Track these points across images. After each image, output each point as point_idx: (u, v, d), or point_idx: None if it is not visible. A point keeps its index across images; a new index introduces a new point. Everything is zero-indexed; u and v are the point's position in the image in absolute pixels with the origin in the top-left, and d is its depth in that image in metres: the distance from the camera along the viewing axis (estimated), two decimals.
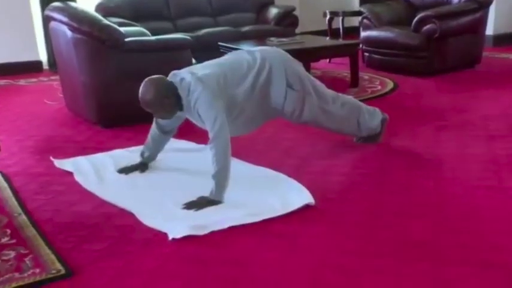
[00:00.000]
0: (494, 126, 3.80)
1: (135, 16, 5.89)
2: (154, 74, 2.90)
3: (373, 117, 3.40)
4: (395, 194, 2.77)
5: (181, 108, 2.86)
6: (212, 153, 2.69)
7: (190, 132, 3.56)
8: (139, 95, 2.80)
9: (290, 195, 2.71)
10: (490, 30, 6.39)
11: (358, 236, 2.35)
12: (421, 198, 2.71)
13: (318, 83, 3.21)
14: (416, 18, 5.53)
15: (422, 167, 3.12)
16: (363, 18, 6.13)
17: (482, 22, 5.74)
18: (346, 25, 7.12)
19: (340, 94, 3.34)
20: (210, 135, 2.73)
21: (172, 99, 2.81)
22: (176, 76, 2.85)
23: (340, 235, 2.37)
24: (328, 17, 7.04)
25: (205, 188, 2.68)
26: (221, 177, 2.67)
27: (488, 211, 2.54)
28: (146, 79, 2.83)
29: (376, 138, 3.48)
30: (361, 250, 2.22)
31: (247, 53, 3.09)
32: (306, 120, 3.16)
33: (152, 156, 3.21)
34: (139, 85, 2.83)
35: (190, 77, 2.78)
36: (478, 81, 5.31)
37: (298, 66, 3.15)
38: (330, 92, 3.26)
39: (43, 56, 6.69)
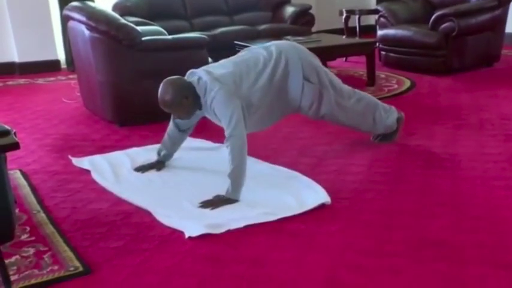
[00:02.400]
0: None
1: (152, 15, 5.92)
2: (170, 73, 2.92)
3: (389, 114, 3.38)
4: (412, 193, 2.75)
5: (200, 107, 2.88)
6: (228, 152, 2.70)
7: (206, 130, 3.58)
8: (159, 96, 2.82)
9: (306, 194, 2.71)
10: (509, 28, 6.30)
11: (374, 235, 2.34)
12: (438, 198, 2.69)
13: (334, 77, 3.20)
14: (433, 17, 5.48)
15: (439, 167, 3.10)
16: (380, 16, 6.09)
17: (501, 20, 5.66)
18: (362, 23, 7.08)
19: (356, 90, 3.33)
20: (226, 133, 2.74)
21: (190, 99, 2.83)
22: (193, 75, 2.86)
23: (356, 234, 2.36)
24: (344, 15, 7.01)
25: (222, 187, 2.69)
26: (237, 176, 2.68)
27: (506, 211, 2.52)
28: (164, 80, 2.85)
29: (392, 137, 3.46)
30: (378, 250, 2.22)
31: (262, 49, 3.09)
32: (323, 114, 3.14)
33: (169, 155, 3.22)
34: (156, 84, 2.85)
35: (207, 76, 2.79)
36: (497, 80, 5.25)
37: (315, 59, 3.14)
38: (346, 87, 3.25)
39: (61, 55, 6.76)
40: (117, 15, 4.23)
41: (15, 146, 1.93)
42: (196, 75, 2.85)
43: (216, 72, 2.84)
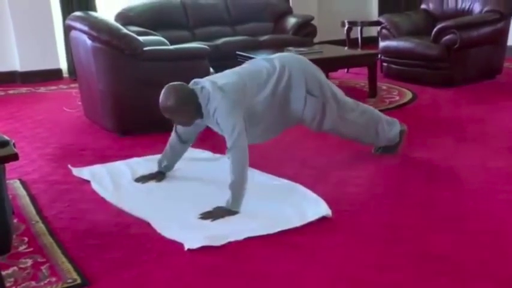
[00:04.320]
0: None
1: (154, 25, 5.92)
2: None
3: (392, 127, 3.37)
4: (414, 206, 2.73)
5: (201, 116, 2.86)
6: (229, 163, 2.69)
7: (208, 140, 3.57)
8: (160, 101, 2.80)
9: (307, 206, 2.69)
10: (511, 41, 6.31)
11: (375, 249, 2.32)
12: (440, 211, 2.67)
13: (337, 90, 3.19)
14: (436, 29, 5.48)
15: (441, 179, 3.08)
16: (382, 28, 6.10)
17: (504, 33, 5.66)
18: (364, 35, 7.09)
19: (359, 102, 3.32)
20: (228, 144, 2.72)
21: (192, 107, 2.81)
22: (197, 84, 2.85)
23: (357, 248, 2.34)
24: (346, 26, 7.03)
25: (222, 198, 2.67)
26: (238, 188, 2.66)
27: (509, 225, 2.49)
28: (167, 85, 2.84)
29: (395, 149, 3.44)
30: (379, 263, 2.19)
31: (265, 61, 3.08)
32: (326, 127, 3.13)
33: (170, 166, 3.21)
34: (158, 94, 2.84)
35: (211, 85, 2.78)
36: (499, 92, 5.24)
37: (318, 72, 3.13)
38: (349, 100, 3.24)
39: (63, 64, 6.77)
40: (119, 25, 4.24)
41: (13, 157, 1.92)
42: (199, 84, 2.84)
43: (219, 82, 2.84)
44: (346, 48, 6.51)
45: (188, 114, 2.84)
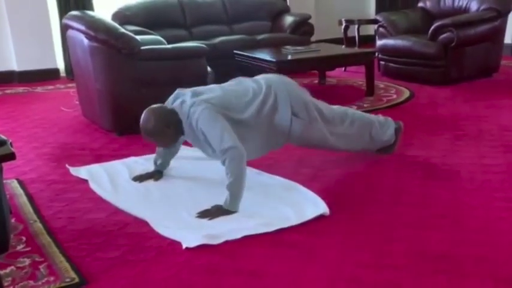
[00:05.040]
0: None
1: (151, 24, 5.92)
2: (169, 82, 2.93)
3: (386, 128, 3.33)
4: (411, 205, 2.74)
5: (182, 132, 2.86)
6: (226, 164, 2.67)
7: None
8: (140, 125, 2.81)
9: (304, 205, 2.69)
10: (508, 39, 6.32)
11: (373, 248, 2.32)
12: (438, 210, 2.67)
13: (324, 106, 3.14)
14: (433, 27, 5.49)
15: (439, 178, 3.09)
16: (379, 26, 6.10)
17: (501, 30, 5.68)
18: (361, 33, 7.09)
19: (348, 110, 3.27)
20: (221, 149, 2.67)
21: (172, 128, 2.82)
22: (178, 97, 2.85)
23: (354, 246, 2.34)
24: (343, 25, 7.03)
25: (220, 197, 2.67)
26: (236, 188, 2.66)
27: (506, 223, 2.50)
28: (146, 109, 2.84)
29: (391, 148, 3.43)
30: (376, 262, 2.20)
31: (251, 81, 3.05)
32: (314, 145, 3.13)
33: (165, 163, 3.21)
34: (155, 93, 2.85)
35: (192, 99, 2.77)
36: (496, 90, 5.25)
37: (303, 93, 3.09)
38: (337, 112, 3.18)
39: (60, 64, 6.76)
40: (116, 25, 4.23)
41: (11, 156, 1.92)
42: (181, 97, 2.83)
43: (203, 95, 2.82)
44: (343, 46, 6.51)
45: (170, 136, 2.86)
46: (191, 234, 2.43)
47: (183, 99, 2.81)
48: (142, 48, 4.00)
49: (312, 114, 3.01)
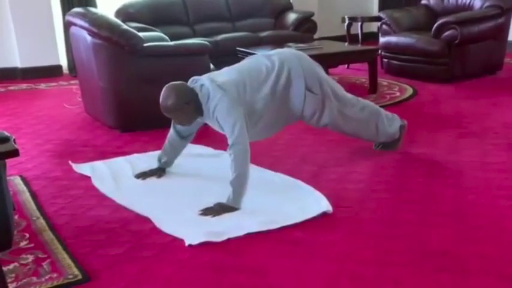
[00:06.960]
0: None
1: (154, 21, 5.92)
2: (172, 79, 2.91)
3: (392, 123, 3.37)
4: (414, 202, 2.73)
5: (201, 114, 2.86)
6: (231, 160, 2.69)
7: (207, 137, 3.57)
8: (160, 101, 2.80)
9: (307, 202, 2.69)
10: None
11: (375, 245, 2.32)
12: (441, 207, 2.67)
13: (337, 86, 3.19)
14: (436, 24, 5.48)
15: (442, 175, 3.08)
16: (382, 23, 6.09)
17: (504, 28, 5.66)
18: (364, 31, 7.10)
19: (360, 98, 3.32)
20: (229, 141, 2.72)
21: (192, 106, 2.81)
22: (196, 82, 2.85)
23: (357, 244, 2.34)
24: (346, 22, 7.03)
25: (223, 194, 2.67)
26: (239, 184, 2.66)
27: (510, 221, 2.49)
28: (167, 85, 2.84)
29: (395, 145, 3.44)
30: (379, 259, 2.19)
31: (265, 58, 3.07)
32: (325, 123, 3.13)
33: (169, 162, 3.21)
34: (158, 90, 2.84)
35: (210, 83, 2.78)
36: (499, 88, 5.23)
37: (317, 68, 3.12)
38: (349, 96, 3.24)
39: (63, 61, 6.77)
40: (119, 21, 4.23)
41: (14, 153, 1.93)
42: (199, 82, 2.84)
43: (219, 79, 2.83)
44: (346, 44, 6.51)
45: (188, 113, 2.84)
46: (194, 231, 2.43)
47: (202, 83, 2.81)
48: (145, 45, 4.00)
49: (326, 91, 3.04)
